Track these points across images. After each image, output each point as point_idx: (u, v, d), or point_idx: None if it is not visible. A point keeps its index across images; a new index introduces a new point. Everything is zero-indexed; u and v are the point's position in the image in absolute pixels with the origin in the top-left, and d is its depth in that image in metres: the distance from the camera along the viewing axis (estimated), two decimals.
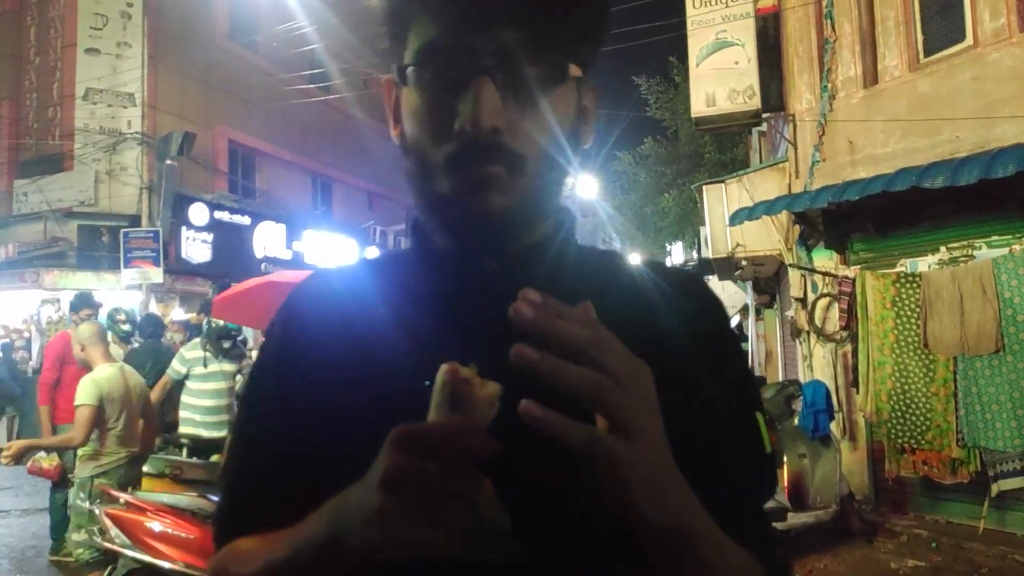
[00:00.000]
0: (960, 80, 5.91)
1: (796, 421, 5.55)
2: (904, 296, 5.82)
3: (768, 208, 6.56)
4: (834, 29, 6.93)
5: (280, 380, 0.72)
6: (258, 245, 13.40)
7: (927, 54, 6.37)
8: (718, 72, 7.73)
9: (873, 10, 6.73)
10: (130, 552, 3.65)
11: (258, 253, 13.36)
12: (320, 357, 0.70)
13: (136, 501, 3.75)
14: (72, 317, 6.03)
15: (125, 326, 6.34)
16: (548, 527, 0.61)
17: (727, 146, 15.66)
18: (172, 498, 3.82)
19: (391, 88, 0.73)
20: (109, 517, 3.72)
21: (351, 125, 16.81)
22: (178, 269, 11.56)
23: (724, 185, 8.60)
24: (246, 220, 13.25)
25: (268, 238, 13.66)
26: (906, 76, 6.41)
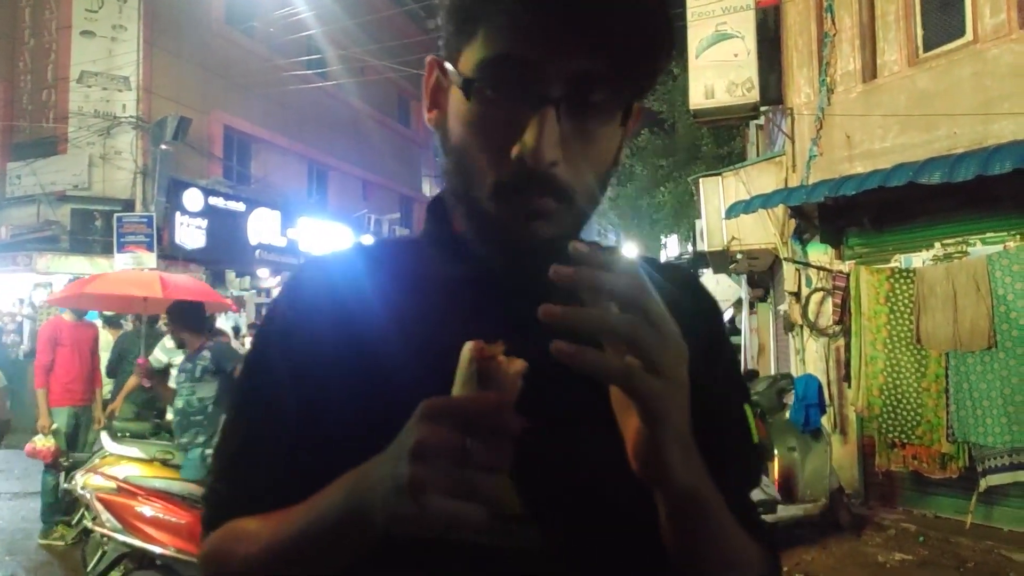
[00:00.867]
0: (959, 76, 5.91)
1: (787, 414, 5.57)
2: (898, 292, 5.84)
3: (764, 202, 6.56)
4: (834, 23, 6.91)
5: (286, 361, 0.70)
6: (252, 232, 13.33)
7: (926, 49, 6.36)
8: (717, 64, 7.70)
9: (873, 4, 6.72)
10: (121, 536, 3.66)
11: (252, 240, 13.30)
12: (328, 340, 0.68)
13: (127, 485, 3.75)
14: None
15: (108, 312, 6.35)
16: (562, 514, 0.61)
17: (724, 139, 15.62)
18: (163, 483, 3.81)
19: (434, 68, 0.71)
20: (100, 501, 3.72)
21: (348, 112, 16.73)
22: (172, 254, 11.49)
23: (721, 178, 8.59)
24: (241, 206, 13.17)
25: (263, 225, 13.59)
26: (905, 71, 6.40)
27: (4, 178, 11.73)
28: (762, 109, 7.97)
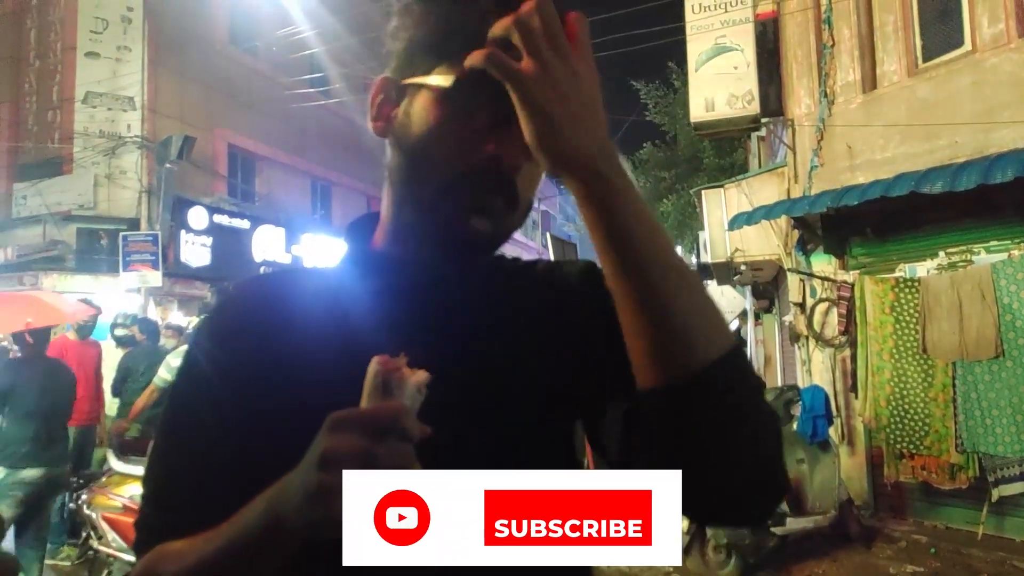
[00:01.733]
0: (959, 85, 5.92)
1: (795, 426, 5.54)
2: (903, 301, 5.82)
3: (767, 213, 6.57)
4: (832, 35, 6.94)
5: (209, 385, 0.72)
6: (257, 249, 13.37)
7: (926, 59, 6.38)
8: (717, 77, 7.74)
9: (872, 15, 6.75)
10: (126, 556, 3.64)
11: (257, 257, 13.34)
12: (249, 361, 0.71)
13: (133, 505, 3.74)
14: (71, 323, 6.02)
15: (119, 331, 6.35)
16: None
17: (726, 151, 15.65)
18: None
19: (384, 86, 0.76)
20: (106, 521, 3.71)
21: (350, 129, 16.81)
22: (177, 272, 11.53)
23: (723, 190, 8.60)
24: (245, 224, 13.22)
25: (267, 242, 13.64)
26: (905, 81, 6.42)
27: (10, 199, 11.80)
28: (763, 121, 8.00)
